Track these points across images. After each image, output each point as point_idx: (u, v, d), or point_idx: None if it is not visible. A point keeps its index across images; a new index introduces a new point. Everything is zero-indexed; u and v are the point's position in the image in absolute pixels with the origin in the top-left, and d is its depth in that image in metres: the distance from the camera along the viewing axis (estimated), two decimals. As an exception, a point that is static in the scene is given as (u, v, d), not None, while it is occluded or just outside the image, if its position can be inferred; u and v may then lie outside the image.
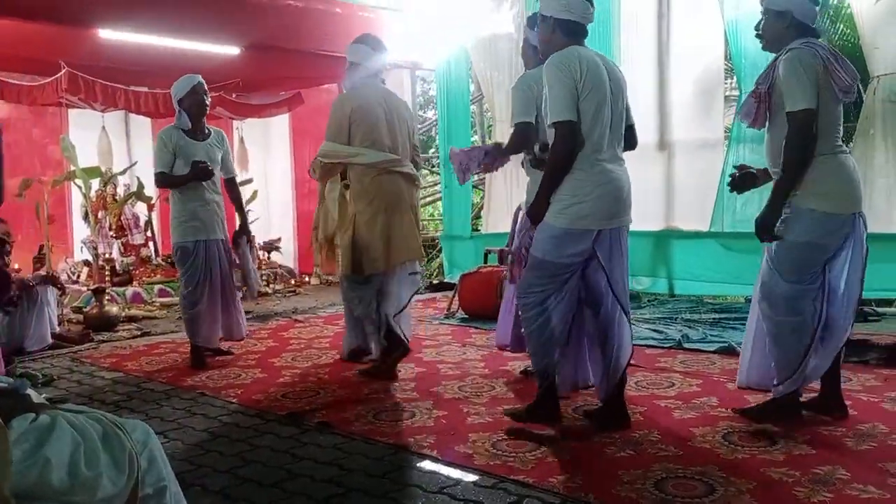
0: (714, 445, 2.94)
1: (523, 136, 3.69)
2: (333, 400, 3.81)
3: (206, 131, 4.78)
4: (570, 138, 2.98)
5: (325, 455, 2.99)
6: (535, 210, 3.14)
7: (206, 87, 4.74)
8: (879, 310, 5.53)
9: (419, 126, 9.61)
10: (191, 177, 4.60)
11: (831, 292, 3.11)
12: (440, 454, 2.94)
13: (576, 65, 2.98)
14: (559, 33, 3.13)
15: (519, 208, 7.27)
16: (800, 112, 2.92)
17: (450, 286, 7.26)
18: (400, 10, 7.89)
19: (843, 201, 3.04)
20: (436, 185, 11.78)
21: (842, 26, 7.28)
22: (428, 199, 12.18)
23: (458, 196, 8.40)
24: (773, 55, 3.11)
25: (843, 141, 3.10)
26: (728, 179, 3.36)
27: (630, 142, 3.29)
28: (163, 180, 4.73)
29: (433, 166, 11.96)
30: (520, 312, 3.28)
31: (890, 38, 5.48)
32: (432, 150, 12.26)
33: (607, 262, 3.11)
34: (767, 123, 3.11)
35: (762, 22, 3.15)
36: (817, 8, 3.13)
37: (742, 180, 3.29)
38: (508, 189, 8.02)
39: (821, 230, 3.01)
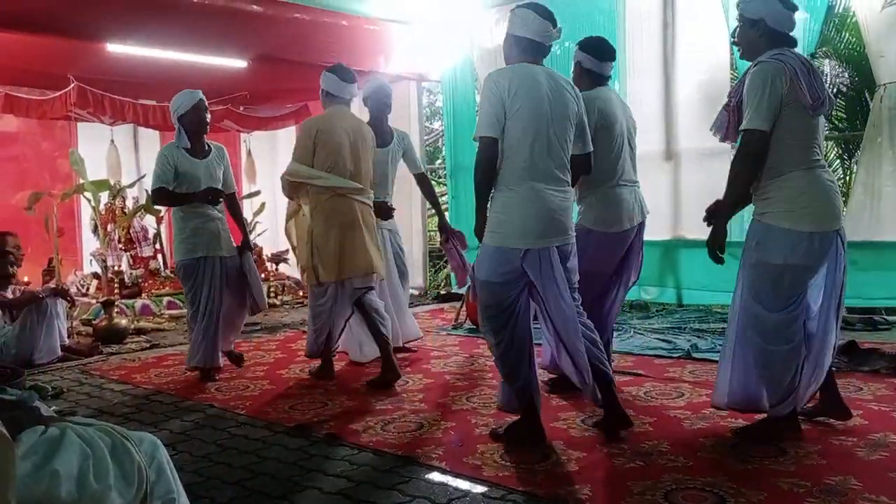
0: (724, 456, 2.92)
1: None
2: (341, 411, 3.80)
3: (207, 148, 4.71)
4: (489, 154, 3.06)
5: (333, 467, 2.99)
6: (476, 228, 3.20)
7: (206, 103, 4.67)
8: (890, 318, 5.50)
9: (426, 137, 9.63)
10: (198, 198, 4.54)
11: (807, 308, 3.05)
12: (449, 465, 2.93)
13: (506, 83, 3.05)
14: (515, 50, 3.21)
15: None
16: (750, 132, 2.89)
17: (457, 297, 7.25)
18: (406, 22, 7.92)
19: (820, 218, 2.93)
20: (443, 195, 11.80)
21: (847, 35, 7.28)
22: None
23: (464, 206, 8.39)
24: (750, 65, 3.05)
25: (821, 154, 3.03)
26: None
27: (583, 168, 3.38)
28: (163, 197, 4.59)
29: (440, 177, 11.99)
30: (485, 338, 3.30)
31: (894, 46, 5.47)
32: (439, 161, 12.29)
33: (538, 280, 3.08)
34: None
35: (737, 30, 3.10)
36: (794, 15, 3.05)
37: (715, 213, 3.16)
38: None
39: (800, 250, 2.90)
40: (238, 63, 7.38)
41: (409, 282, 5.44)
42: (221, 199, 4.69)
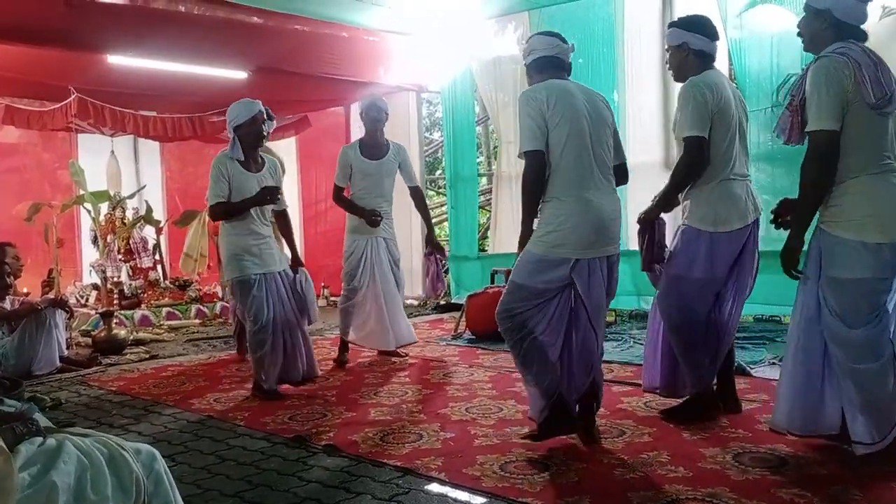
0: (724, 466, 2.91)
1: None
2: (340, 422, 3.79)
3: (260, 161, 4.46)
4: (536, 166, 3.07)
5: (332, 478, 2.97)
6: (521, 239, 3.18)
7: (265, 114, 4.46)
8: None
9: (425, 148, 9.65)
10: (254, 202, 4.30)
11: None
12: (448, 476, 2.92)
13: (542, 96, 3.08)
14: (534, 74, 3.26)
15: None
16: (817, 133, 2.73)
17: (457, 307, 7.25)
18: (405, 33, 7.95)
19: (889, 228, 2.72)
20: (442, 205, 11.81)
21: (846, 45, 7.31)
22: (435, 220, 12.17)
23: (464, 216, 8.41)
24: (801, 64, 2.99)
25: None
26: (770, 217, 3.14)
27: (620, 178, 3.32)
28: (221, 211, 4.33)
29: (440, 187, 12.00)
30: (503, 335, 3.25)
31: (893, 55, 5.49)
32: (438, 172, 12.31)
33: (585, 291, 3.08)
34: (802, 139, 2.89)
35: (802, 20, 2.93)
36: (867, 6, 2.86)
37: (783, 217, 3.04)
38: (515, 209, 8.03)
39: (869, 263, 2.70)
40: (238, 74, 7.41)
41: (403, 289, 5.56)
42: (264, 211, 4.43)
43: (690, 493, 2.65)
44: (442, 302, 8.31)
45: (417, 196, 5.43)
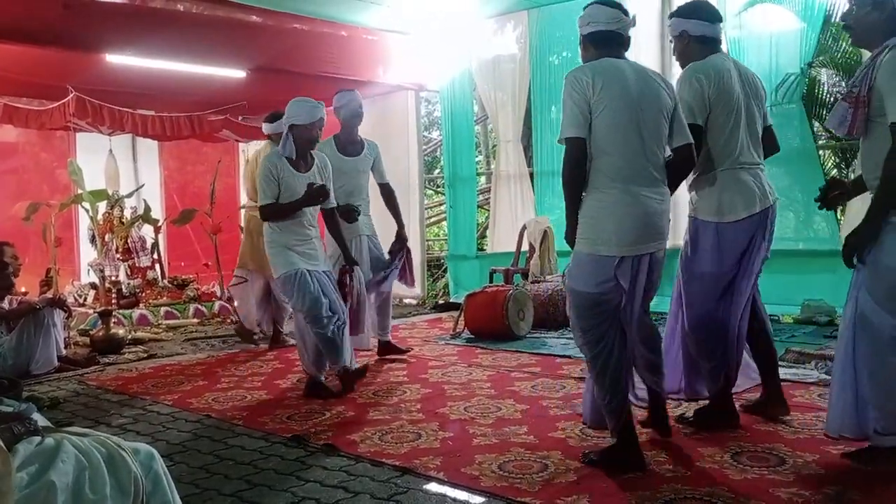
0: (723, 466, 2.91)
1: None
2: (339, 421, 3.79)
3: (310, 159, 4.37)
4: (576, 155, 2.85)
5: (330, 478, 2.97)
6: (567, 234, 2.97)
7: (325, 122, 4.35)
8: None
9: (424, 147, 9.65)
10: (304, 202, 4.23)
11: None
12: (447, 476, 2.92)
13: (588, 78, 2.83)
14: (591, 48, 2.99)
15: (524, 227, 7.33)
16: None
17: (455, 306, 7.25)
18: (404, 32, 7.95)
19: None
20: (441, 204, 11.81)
21: (844, 44, 7.30)
22: (433, 219, 12.21)
23: (463, 215, 8.42)
24: (860, 53, 2.84)
25: None
26: (817, 195, 3.07)
27: (684, 163, 3.04)
28: (271, 212, 4.26)
29: (438, 186, 12.01)
30: (583, 355, 3.02)
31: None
32: (437, 171, 12.31)
33: (630, 292, 2.88)
34: (867, 131, 2.77)
35: (851, 12, 2.82)
36: None
37: (831, 194, 3.00)
38: (513, 208, 8.04)
39: None
40: (237, 73, 7.41)
41: (391, 286, 5.48)
42: (312, 211, 4.37)
43: (689, 492, 2.66)
44: (441, 301, 8.32)
45: (388, 193, 5.33)
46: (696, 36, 3.33)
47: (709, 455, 3.04)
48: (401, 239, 5.28)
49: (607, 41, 2.96)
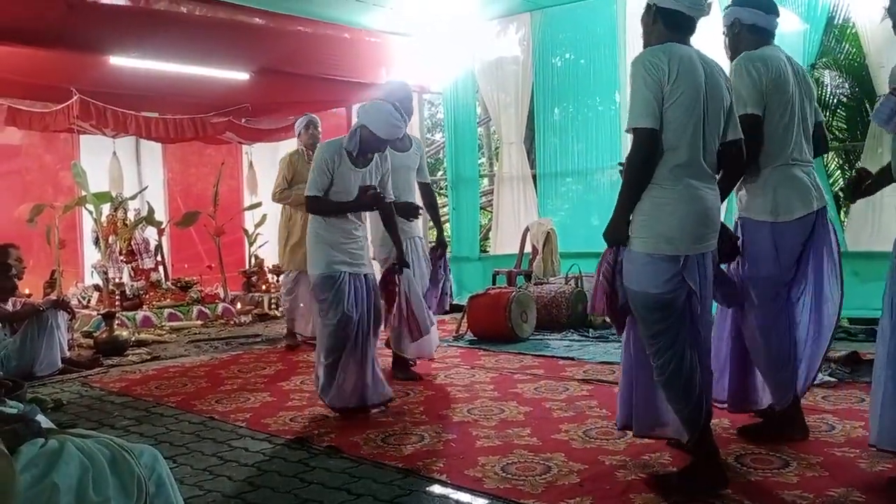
0: (727, 468, 2.90)
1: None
2: (342, 423, 3.79)
3: (369, 155, 4.04)
4: (647, 148, 2.64)
5: (333, 480, 2.97)
6: (609, 230, 2.75)
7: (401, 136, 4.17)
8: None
9: (427, 149, 9.65)
10: (354, 206, 3.94)
11: None
12: (450, 478, 2.92)
13: (664, 65, 2.62)
14: (661, 24, 2.75)
15: (527, 229, 7.32)
16: None
17: (458, 308, 7.24)
18: (407, 34, 7.96)
19: None
20: (444, 206, 11.80)
21: (847, 45, 7.31)
22: (436, 221, 12.20)
23: (466, 217, 8.42)
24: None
25: None
26: (845, 185, 3.02)
27: (736, 159, 2.86)
28: (316, 208, 3.97)
29: (441, 188, 11.99)
30: (652, 364, 2.76)
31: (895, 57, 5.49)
32: (440, 173, 12.31)
33: (697, 290, 2.69)
34: None
35: (892, 7, 2.72)
36: None
37: (859, 184, 2.91)
38: (516, 210, 8.03)
39: None
40: (240, 75, 7.41)
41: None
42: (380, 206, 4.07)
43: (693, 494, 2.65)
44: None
45: (430, 193, 5.10)
46: (748, 25, 3.16)
47: (712, 457, 3.02)
48: (442, 244, 5.04)
49: (681, 25, 2.74)
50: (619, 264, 2.75)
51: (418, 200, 4.95)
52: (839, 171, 8.17)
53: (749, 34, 3.18)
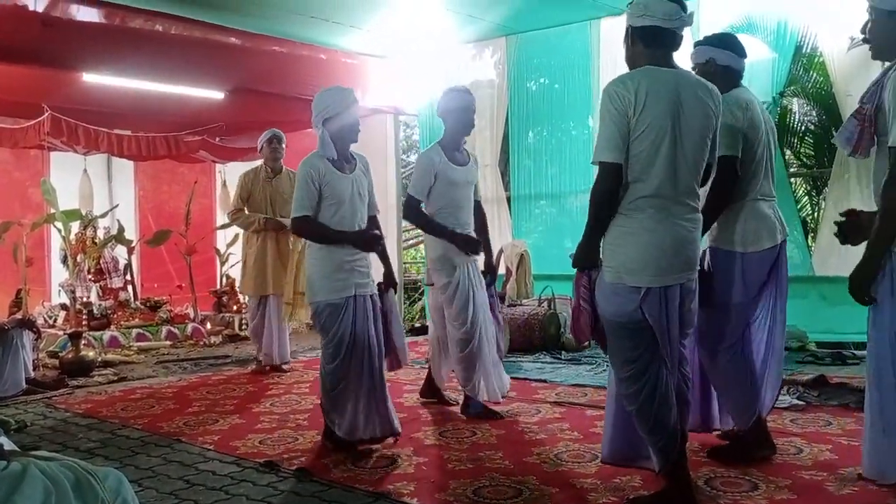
0: (696, 491, 2.90)
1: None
2: (312, 446, 3.75)
3: (352, 158, 3.79)
4: (611, 181, 2.62)
5: None
6: (577, 255, 2.76)
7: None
8: (858, 353, 5.56)
9: (402, 170, 9.67)
10: (350, 240, 3.65)
11: None
12: (420, 502, 2.90)
13: (631, 95, 2.58)
14: (640, 45, 2.71)
15: (501, 251, 7.34)
16: None
17: (432, 330, 7.22)
18: (384, 56, 8.00)
19: None
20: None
21: (815, 74, 7.47)
22: (411, 242, 12.21)
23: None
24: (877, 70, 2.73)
25: None
26: (834, 229, 2.96)
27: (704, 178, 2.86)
28: (306, 230, 3.71)
29: (416, 210, 11.99)
30: (620, 392, 2.78)
31: (862, 85, 5.61)
32: (415, 194, 12.35)
33: (659, 326, 2.64)
34: (875, 151, 2.68)
35: (869, 24, 2.70)
36: None
37: (850, 229, 2.86)
38: (490, 232, 8.03)
39: None
40: (215, 94, 7.39)
41: None
42: (361, 219, 3.76)
43: (663, 518, 2.65)
44: (417, 325, 8.29)
45: (482, 214, 4.62)
46: (722, 66, 3.25)
47: (683, 480, 3.03)
48: (492, 270, 4.52)
49: (660, 40, 2.67)
50: (594, 284, 2.75)
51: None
52: (807, 198, 8.31)
53: (723, 74, 3.26)
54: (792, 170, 7.77)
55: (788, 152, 7.43)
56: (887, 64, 2.65)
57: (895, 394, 2.60)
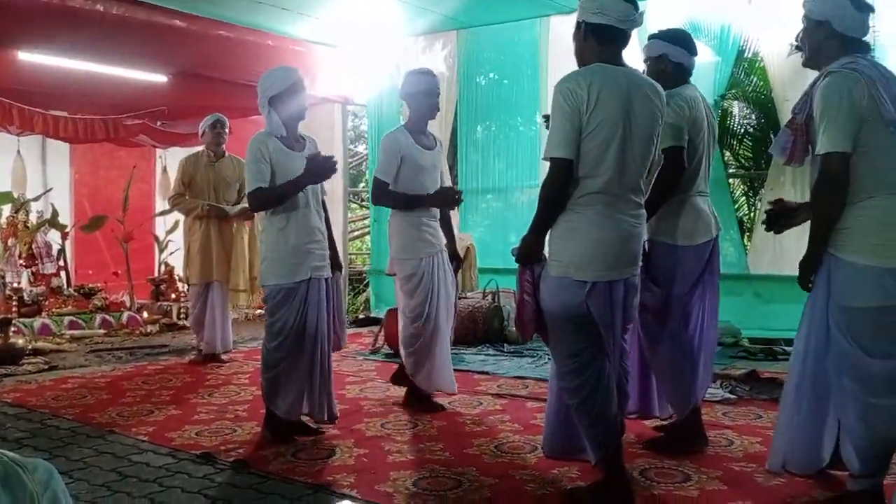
0: (630, 481, 2.97)
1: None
2: (251, 438, 3.70)
3: (301, 138, 3.77)
4: (562, 177, 2.65)
5: (240, 496, 2.90)
6: (521, 249, 2.77)
7: (305, 83, 3.75)
8: (789, 349, 5.74)
9: (350, 160, 9.61)
10: (303, 181, 3.53)
11: None
12: (360, 493, 2.89)
13: (583, 92, 2.60)
14: (592, 40, 2.72)
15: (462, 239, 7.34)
16: (829, 156, 2.54)
17: (376, 321, 7.21)
18: (333, 45, 7.92)
19: None
20: (365, 218, 11.76)
21: (755, 78, 7.69)
22: (356, 233, 12.13)
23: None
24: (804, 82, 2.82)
25: None
26: (763, 217, 3.01)
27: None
28: (263, 199, 3.58)
29: (362, 200, 11.95)
30: (561, 385, 2.80)
31: (800, 91, 5.77)
32: (362, 185, 12.27)
33: (601, 319, 2.67)
34: (809, 160, 2.72)
35: (800, 33, 2.77)
36: (867, 17, 2.69)
37: (778, 218, 2.94)
38: (436, 225, 8.06)
39: (890, 289, 2.50)
40: (158, 77, 7.21)
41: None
42: (318, 199, 3.75)
43: (598, 509, 2.70)
44: (361, 316, 8.25)
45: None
46: (674, 62, 3.36)
47: (619, 472, 3.09)
48: (457, 258, 4.47)
49: (612, 39, 2.71)
50: (538, 279, 2.77)
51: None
52: (744, 198, 8.56)
53: (673, 71, 3.35)
54: (730, 170, 7.99)
55: (727, 153, 7.62)
56: (817, 73, 2.74)
57: (811, 380, 2.70)
